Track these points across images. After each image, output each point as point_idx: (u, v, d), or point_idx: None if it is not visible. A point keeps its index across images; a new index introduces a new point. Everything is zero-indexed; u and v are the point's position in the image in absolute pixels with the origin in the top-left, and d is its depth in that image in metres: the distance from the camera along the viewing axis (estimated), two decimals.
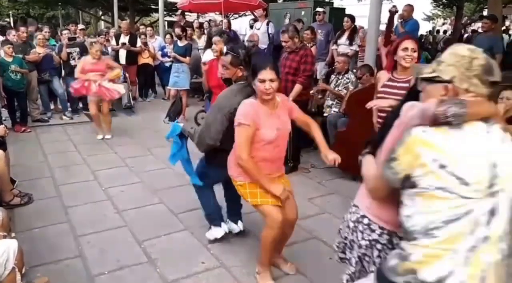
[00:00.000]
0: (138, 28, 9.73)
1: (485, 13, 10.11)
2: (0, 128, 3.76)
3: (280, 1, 14.62)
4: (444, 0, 19.98)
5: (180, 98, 7.12)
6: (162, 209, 3.78)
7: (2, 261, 1.91)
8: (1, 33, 8.37)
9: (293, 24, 4.91)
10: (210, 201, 3.13)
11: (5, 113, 6.36)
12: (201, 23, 10.05)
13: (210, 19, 9.76)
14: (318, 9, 7.56)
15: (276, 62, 5.20)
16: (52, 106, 7.57)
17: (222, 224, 3.17)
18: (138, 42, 8.34)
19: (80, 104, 7.69)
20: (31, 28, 7.93)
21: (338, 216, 3.55)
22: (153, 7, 20.79)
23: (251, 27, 8.55)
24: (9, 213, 2.99)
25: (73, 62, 7.21)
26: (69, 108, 7.40)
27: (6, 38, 6.90)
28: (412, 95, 1.64)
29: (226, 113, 2.64)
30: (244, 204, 3.12)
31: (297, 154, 4.88)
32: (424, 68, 1.46)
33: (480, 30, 6.79)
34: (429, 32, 18.14)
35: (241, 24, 10.49)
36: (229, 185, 2.82)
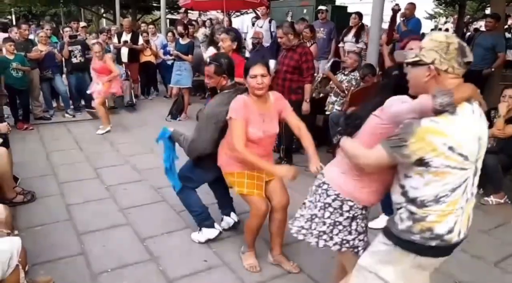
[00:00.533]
0: (140, 26, 9.72)
1: (488, 12, 10.09)
2: (3, 126, 3.77)
3: None
4: None
5: (182, 96, 7.13)
6: (165, 207, 3.79)
7: (6, 258, 1.91)
8: (3, 31, 8.38)
9: (290, 21, 4.90)
10: (198, 201, 3.13)
11: (7, 111, 6.39)
12: (204, 21, 10.06)
13: (211, 18, 9.75)
14: (321, 7, 7.54)
15: (276, 60, 5.22)
16: (54, 104, 7.57)
17: (216, 224, 3.16)
18: (140, 40, 8.33)
19: (82, 102, 7.71)
20: (47, 27, 7.95)
21: None
22: (155, 5, 20.76)
23: (253, 25, 8.53)
24: (12, 210, 2.99)
25: (75, 60, 7.23)
26: (71, 106, 7.40)
27: (8, 36, 6.91)
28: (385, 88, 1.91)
29: (216, 123, 2.73)
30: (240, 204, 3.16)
31: (290, 150, 4.89)
32: (408, 54, 1.68)
33: (483, 29, 6.76)
34: (431, 31, 18.10)
35: (243, 22, 10.47)
36: (216, 184, 3.07)
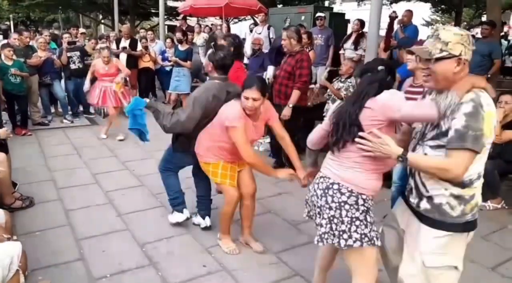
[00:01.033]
0: (139, 32, 9.77)
1: (484, 19, 10.18)
2: (3, 131, 3.77)
3: (280, 6, 14.69)
4: (443, 6, 20.07)
5: (181, 102, 7.15)
6: (163, 212, 3.78)
7: (7, 263, 1.92)
8: (4, 36, 8.41)
9: (297, 27, 4.90)
10: (176, 185, 3.43)
11: (6, 117, 6.38)
12: (205, 26, 10.11)
13: (212, 23, 9.81)
14: (319, 14, 7.60)
15: (276, 66, 5.25)
16: (53, 110, 7.58)
17: (185, 210, 3.42)
18: (139, 46, 8.37)
19: (81, 108, 7.71)
20: (46, 33, 8.03)
21: None
22: (153, 11, 20.85)
23: (251, 31, 8.59)
24: (11, 216, 2.99)
25: (73, 66, 7.25)
26: (70, 112, 7.42)
27: (7, 42, 6.93)
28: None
29: (202, 107, 2.95)
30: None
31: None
32: (430, 51, 1.75)
33: (479, 36, 6.82)
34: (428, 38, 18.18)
35: (241, 29, 10.55)
36: (200, 180, 3.31)
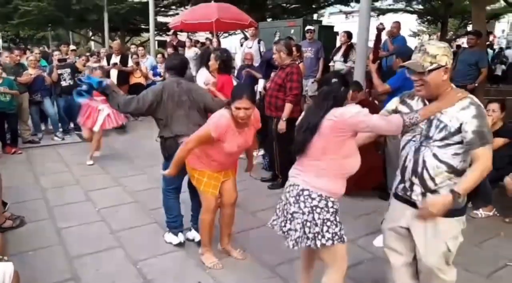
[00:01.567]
0: (129, 48, 9.82)
1: (469, 29, 10.40)
2: None
3: (269, 20, 14.87)
4: (429, 17, 20.47)
5: None
6: (157, 228, 3.75)
7: None
8: None
9: (287, 40, 4.95)
10: (176, 209, 3.47)
11: None
12: (197, 41, 10.20)
13: (207, 37, 9.88)
14: (309, 27, 7.70)
15: (267, 79, 5.29)
16: (43, 127, 7.54)
17: (180, 234, 3.42)
18: (129, 62, 8.39)
19: (72, 125, 7.67)
20: (37, 50, 7.98)
21: None
22: (143, 27, 20.98)
23: (241, 45, 8.66)
24: (2, 236, 2.94)
25: (64, 83, 7.24)
26: (60, 129, 7.37)
27: None
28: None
29: (154, 91, 3.24)
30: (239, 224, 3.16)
31: (285, 167, 4.88)
32: (422, 64, 1.98)
33: (465, 45, 6.95)
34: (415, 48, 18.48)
35: (231, 43, 10.64)
36: (195, 193, 3.25)
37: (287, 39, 5.41)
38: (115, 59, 8.31)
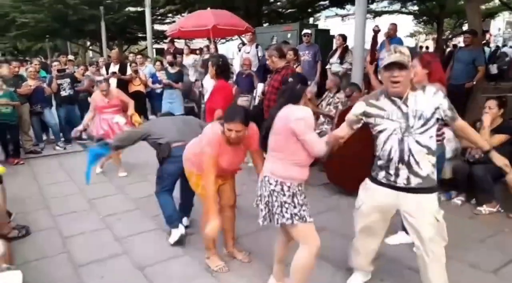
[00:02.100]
0: (127, 57, 9.87)
1: (465, 28, 10.46)
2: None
3: (266, 25, 14.95)
4: (425, 17, 20.59)
5: None
6: (161, 234, 3.76)
7: None
8: None
9: (278, 44, 5.00)
10: (170, 204, 3.58)
11: None
12: (195, 49, 10.25)
13: (207, 45, 9.94)
14: (306, 31, 7.76)
15: (265, 82, 5.31)
16: (45, 137, 7.56)
17: (180, 225, 3.53)
18: (128, 70, 8.43)
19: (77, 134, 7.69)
20: (36, 62, 8.04)
21: (339, 232, 3.56)
22: (141, 35, 21.08)
23: (239, 51, 8.71)
24: (9, 245, 2.95)
25: (64, 93, 7.29)
26: (62, 139, 7.40)
27: None
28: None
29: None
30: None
31: None
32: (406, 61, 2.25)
33: (462, 44, 7.00)
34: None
35: (228, 49, 10.69)
36: (186, 188, 3.39)
37: (278, 43, 5.46)
38: (114, 68, 8.35)
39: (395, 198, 2.44)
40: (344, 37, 7.38)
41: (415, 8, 19.09)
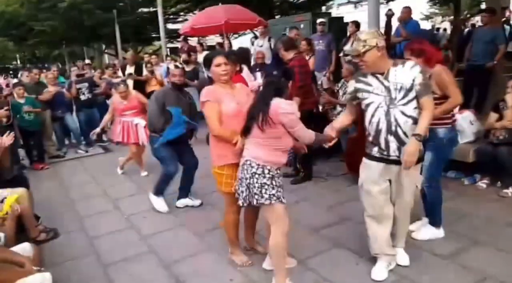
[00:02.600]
0: (143, 58, 9.98)
1: (483, 7, 10.13)
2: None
3: (278, 17, 14.84)
4: None
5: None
6: (185, 231, 3.82)
7: None
8: (14, 76, 8.66)
9: (284, 37, 4.97)
10: (170, 173, 4.26)
11: (22, 153, 6.53)
12: (210, 46, 10.26)
13: (221, 41, 9.98)
14: (320, 20, 7.67)
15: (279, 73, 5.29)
16: (67, 142, 7.74)
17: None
18: (144, 71, 8.52)
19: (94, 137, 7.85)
20: (54, 68, 8.24)
21: (361, 221, 3.53)
22: (154, 36, 21.24)
23: (252, 44, 8.69)
24: (39, 248, 3.04)
25: (83, 97, 7.43)
26: (83, 142, 7.56)
27: (19, 80, 7.13)
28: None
29: (157, 101, 4.05)
30: None
31: (306, 161, 4.90)
32: (357, 49, 2.55)
33: (480, 24, 6.79)
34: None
35: (241, 43, 10.67)
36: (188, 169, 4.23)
37: (289, 31, 5.41)
38: (130, 69, 8.45)
39: (390, 170, 2.68)
40: (357, 24, 7.26)
41: None
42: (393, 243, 2.91)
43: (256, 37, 9.41)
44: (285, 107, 2.52)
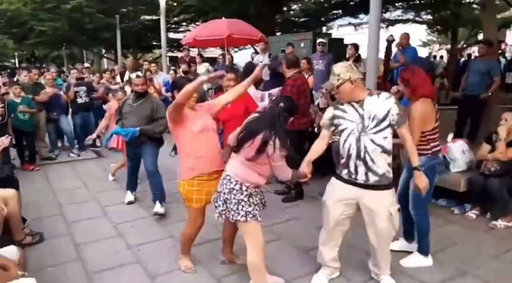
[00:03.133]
0: (142, 65, 10.00)
1: (480, 37, 10.35)
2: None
3: (279, 34, 15.00)
4: (438, 27, 20.42)
5: None
6: (173, 243, 3.78)
7: None
8: (11, 75, 8.63)
9: (289, 56, 5.05)
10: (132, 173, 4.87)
11: (14, 152, 6.46)
12: (206, 58, 10.33)
13: (221, 54, 10.04)
14: (321, 40, 7.76)
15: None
16: (60, 144, 7.68)
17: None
18: None
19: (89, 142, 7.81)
20: (53, 70, 8.22)
21: (351, 244, 3.53)
22: (155, 44, 21.30)
23: (252, 60, 8.76)
24: (23, 252, 2.99)
25: (80, 100, 7.41)
26: (76, 146, 7.51)
27: (16, 79, 7.11)
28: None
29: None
30: None
31: (297, 181, 4.86)
32: (333, 81, 2.71)
33: (476, 54, 6.92)
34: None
35: (241, 57, 10.74)
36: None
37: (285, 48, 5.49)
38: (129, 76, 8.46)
39: (355, 193, 2.76)
40: (356, 47, 7.35)
41: (429, 17, 18.94)
42: (379, 272, 2.99)
43: (257, 53, 9.51)
44: (276, 141, 2.56)
